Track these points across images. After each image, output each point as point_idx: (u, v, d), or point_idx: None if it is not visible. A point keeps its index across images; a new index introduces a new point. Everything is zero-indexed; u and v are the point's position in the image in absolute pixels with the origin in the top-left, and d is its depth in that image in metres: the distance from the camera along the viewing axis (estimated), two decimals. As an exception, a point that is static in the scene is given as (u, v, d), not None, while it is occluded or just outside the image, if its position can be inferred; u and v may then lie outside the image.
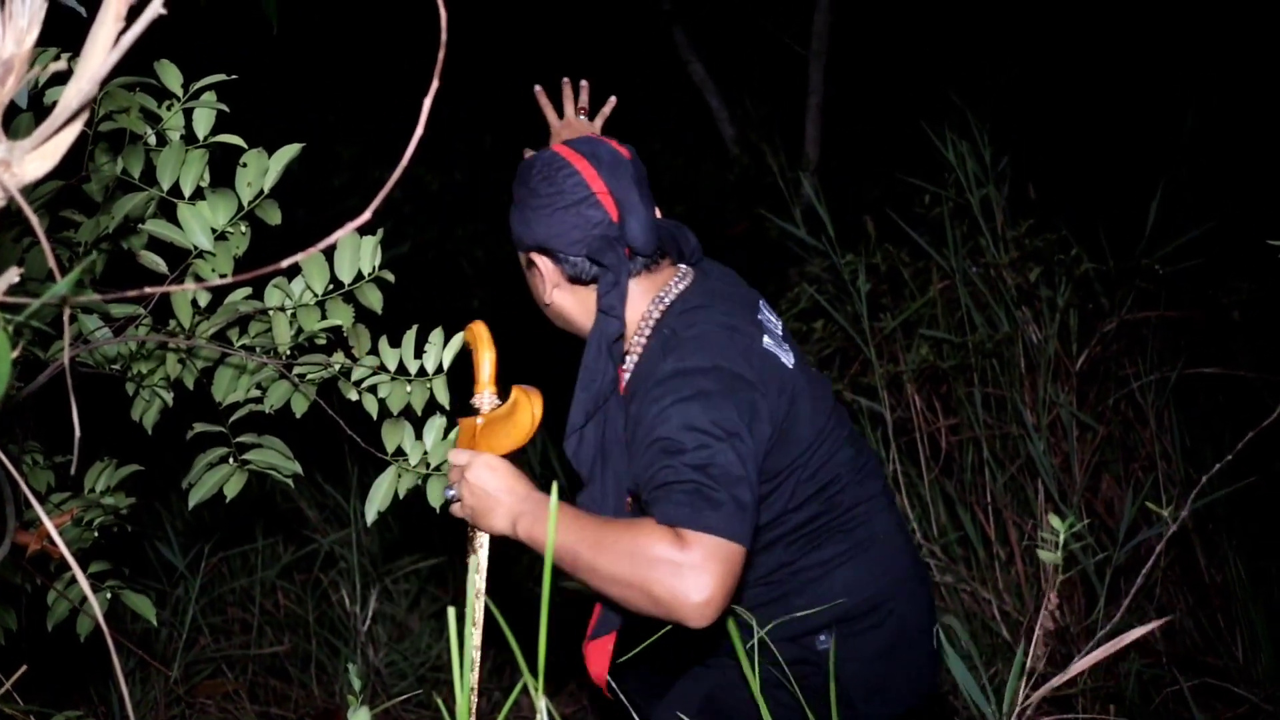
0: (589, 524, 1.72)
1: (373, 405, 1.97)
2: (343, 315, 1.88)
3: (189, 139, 1.76)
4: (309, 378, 1.94)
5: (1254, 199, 4.40)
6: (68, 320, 0.86)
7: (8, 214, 0.85)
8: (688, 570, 1.58)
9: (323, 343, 1.92)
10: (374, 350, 1.95)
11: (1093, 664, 1.63)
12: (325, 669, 3.64)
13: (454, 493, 1.85)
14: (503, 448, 1.89)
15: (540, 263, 1.93)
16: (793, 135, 5.21)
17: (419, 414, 1.97)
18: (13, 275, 0.80)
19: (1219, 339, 3.72)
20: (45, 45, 1.57)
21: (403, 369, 1.95)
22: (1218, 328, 3.70)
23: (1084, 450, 3.38)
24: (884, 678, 1.97)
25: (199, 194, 1.76)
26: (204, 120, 1.75)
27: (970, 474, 3.47)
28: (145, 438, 1.98)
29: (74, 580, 1.91)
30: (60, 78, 1.63)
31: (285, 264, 0.91)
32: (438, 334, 1.95)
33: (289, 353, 1.90)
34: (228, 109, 1.75)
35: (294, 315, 1.87)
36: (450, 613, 1.08)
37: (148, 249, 1.82)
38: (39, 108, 1.66)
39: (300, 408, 1.95)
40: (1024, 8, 5.84)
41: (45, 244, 0.84)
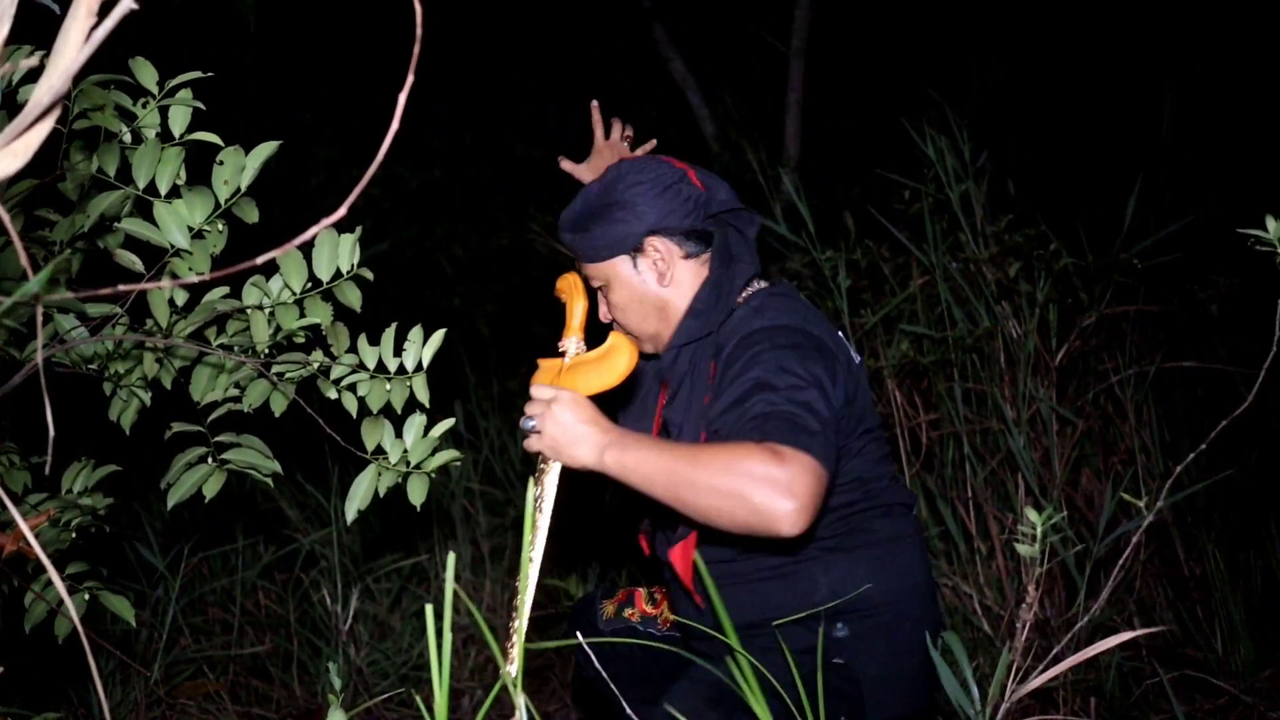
0: (679, 447, 1.80)
1: (352, 404, 1.96)
2: (321, 313, 1.87)
3: (165, 137, 1.75)
4: (288, 376, 1.93)
5: (1231, 194, 4.42)
6: (41, 319, 0.85)
7: (-21, 212, 0.84)
8: (784, 480, 1.67)
9: (301, 341, 1.92)
10: (353, 348, 1.95)
11: (1077, 661, 1.64)
12: (307, 669, 3.63)
13: (534, 423, 1.88)
14: (590, 388, 1.95)
15: (658, 245, 2.09)
16: (773, 132, 5.21)
17: (399, 412, 1.97)
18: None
19: (1197, 333, 3.74)
20: (17, 42, 1.56)
21: (382, 367, 1.94)
22: (1196, 322, 3.72)
23: (1064, 444, 3.39)
24: (891, 679, 2.03)
25: (175, 192, 1.75)
26: (180, 118, 1.74)
27: (951, 469, 3.48)
28: (123, 438, 1.97)
29: (51, 582, 1.90)
30: (33, 75, 1.62)
31: (261, 260, 0.90)
32: (417, 332, 1.95)
33: (267, 351, 1.89)
34: (204, 107, 1.75)
35: (272, 314, 1.87)
36: (429, 610, 1.07)
37: (124, 248, 1.81)
38: (12, 105, 1.65)
39: (279, 407, 1.94)
40: (1003, 5, 5.86)
41: (18, 243, 0.83)
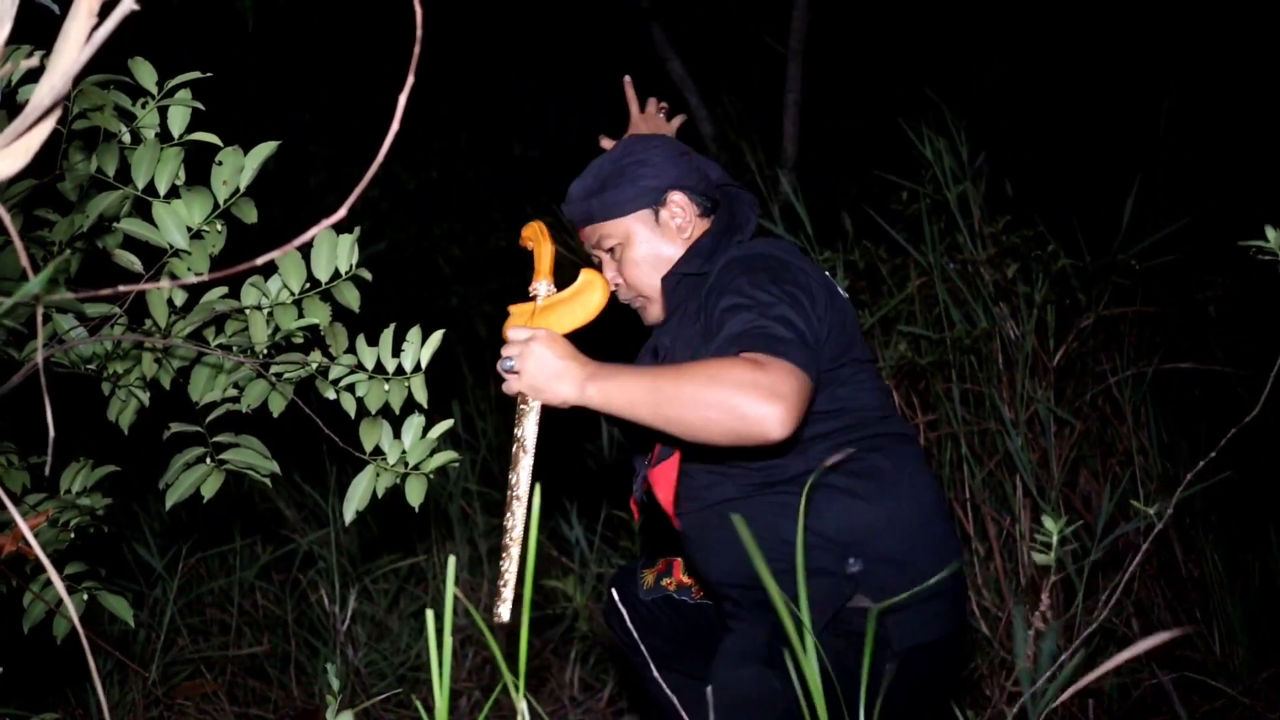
0: (660, 369, 1.85)
1: (350, 404, 1.96)
2: (320, 314, 1.87)
3: (164, 137, 1.75)
4: (286, 377, 1.93)
5: (1229, 195, 4.43)
6: (41, 320, 0.85)
7: (-21, 212, 0.84)
8: (767, 384, 1.73)
9: (300, 341, 1.92)
10: (351, 349, 1.95)
11: (1119, 663, 1.63)
12: (304, 669, 3.63)
13: (512, 363, 1.91)
14: (564, 326, 2.01)
15: (681, 200, 2.21)
16: (771, 133, 5.21)
17: (397, 413, 1.97)
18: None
19: (1195, 334, 3.74)
20: (17, 42, 1.55)
21: (380, 368, 1.94)
22: (1194, 323, 3.72)
23: (1062, 446, 3.39)
24: (919, 609, 1.94)
25: (174, 192, 1.75)
26: (179, 118, 1.74)
27: (948, 470, 3.48)
28: (121, 438, 1.97)
29: (50, 582, 1.90)
30: (33, 75, 1.62)
31: (260, 261, 0.90)
32: (415, 332, 1.95)
33: (266, 352, 1.89)
34: (203, 107, 1.75)
35: (271, 314, 1.86)
36: (429, 614, 1.07)
37: (123, 248, 1.81)
38: (12, 105, 1.65)
39: (277, 407, 1.94)
40: (1001, 6, 5.86)
41: (18, 243, 0.83)
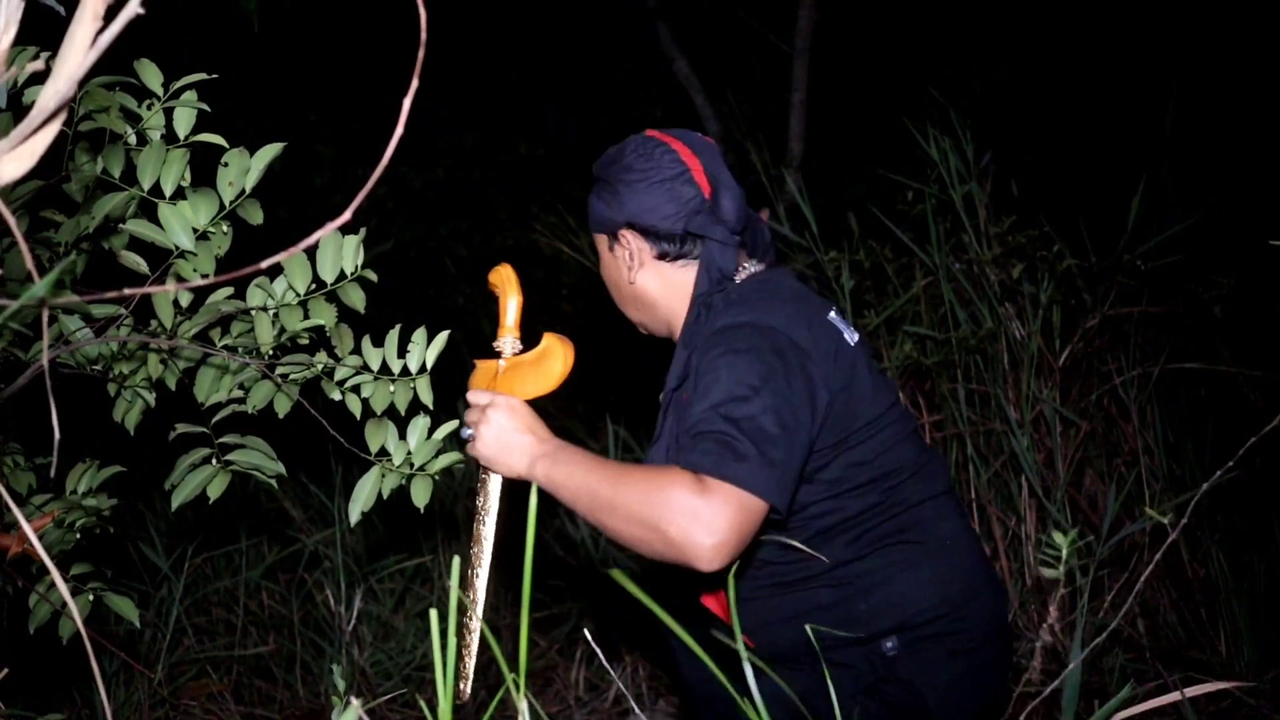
0: (610, 467, 1.75)
1: (356, 405, 1.96)
2: (325, 315, 1.87)
3: (170, 138, 1.75)
4: (292, 378, 1.93)
5: (1235, 195, 4.42)
6: (47, 321, 0.85)
7: (-15, 215, 0.84)
8: (703, 513, 1.62)
9: (305, 342, 1.92)
10: (357, 350, 1.95)
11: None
12: (310, 669, 3.63)
13: (470, 432, 1.88)
14: (526, 393, 1.92)
15: (630, 239, 1.98)
16: (776, 132, 5.21)
17: (402, 414, 1.97)
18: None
19: (1201, 334, 3.73)
20: (23, 44, 1.56)
21: (386, 369, 1.94)
22: (1200, 323, 3.71)
23: (1067, 446, 3.39)
24: (961, 679, 1.93)
25: (180, 194, 1.75)
26: (185, 119, 1.74)
27: (954, 470, 3.48)
28: (127, 439, 1.97)
29: (55, 583, 1.90)
30: (39, 77, 1.62)
31: (266, 264, 0.90)
32: (421, 333, 1.95)
33: (271, 353, 1.89)
34: (209, 108, 1.75)
35: (276, 315, 1.87)
36: (433, 614, 1.07)
37: (129, 249, 1.81)
38: (18, 107, 1.65)
39: (283, 408, 1.94)
40: (1006, 5, 5.86)
41: (23, 245, 0.83)
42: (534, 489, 1.05)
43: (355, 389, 1.96)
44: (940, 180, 3.61)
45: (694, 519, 1.62)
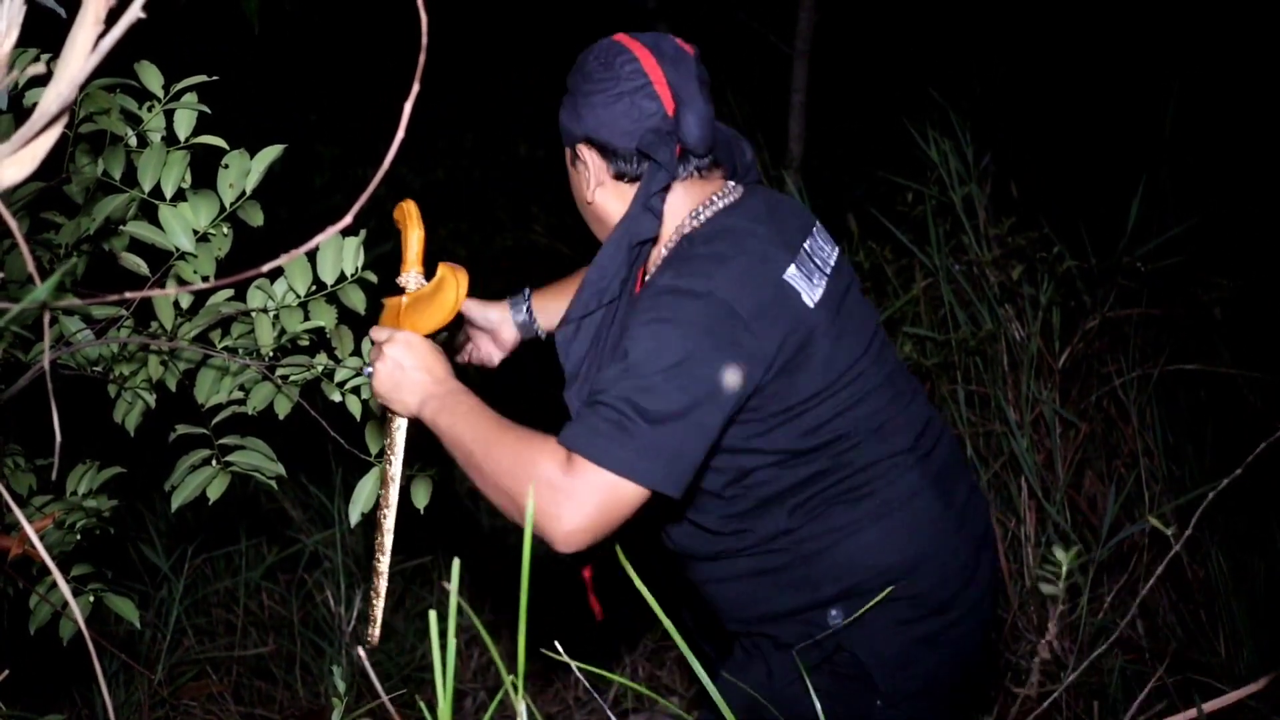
0: (490, 425, 1.67)
1: (356, 406, 1.97)
2: (326, 316, 1.88)
3: (170, 140, 1.76)
4: (292, 379, 1.93)
5: (1236, 197, 4.42)
6: (48, 323, 0.85)
7: (-14, 219, 0.84)
8: (563, 496, 1.56)
9: (306, 344, 1.92)
10: (357, 351, 1.95)
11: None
12: (310, 669, 3.63)
13: (370, 369, 1.80)
14: (426, 327, 1.84)
15: (587, 156, 1.83)
16: (776, 133, 5.21)
17: (403, 415, 1.97)
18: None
19: (1200, 336, 3.73)
20: (24, 46, 1.56)
21: (386, 370, 1.94)
22: (1199, 325, 3.71)
23: (1067, 447, 3.39)
24: (905, 653, 1.83)
25: (180, 195, 1.76)
26: (185, 121, 1.75)
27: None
28: (127, 440, 1.97)
29: (56, 584, 1.90)
30: (40, 79, 1.62)
31: (267, 268, 0.91)
32: (421, 335, 1.95)
33: (272, 354, 1.90)
34: (209, 110, 1.75)
35: (277, 316, 1.87)
36: (432, 615, 1.07)
37: (129, 250, 1.81)
38: (19, 109, 1.65)
39: (283, 409, 1.94)
40: (1006, 7, 5.86)
41: (24, 248, 0.83)
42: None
43: (355, 390, 1.96)
44: (940, 182, 3.61)
45: (553, 499, 1.56)
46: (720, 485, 1.83)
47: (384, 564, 1.91)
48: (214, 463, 1.95)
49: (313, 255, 1.86)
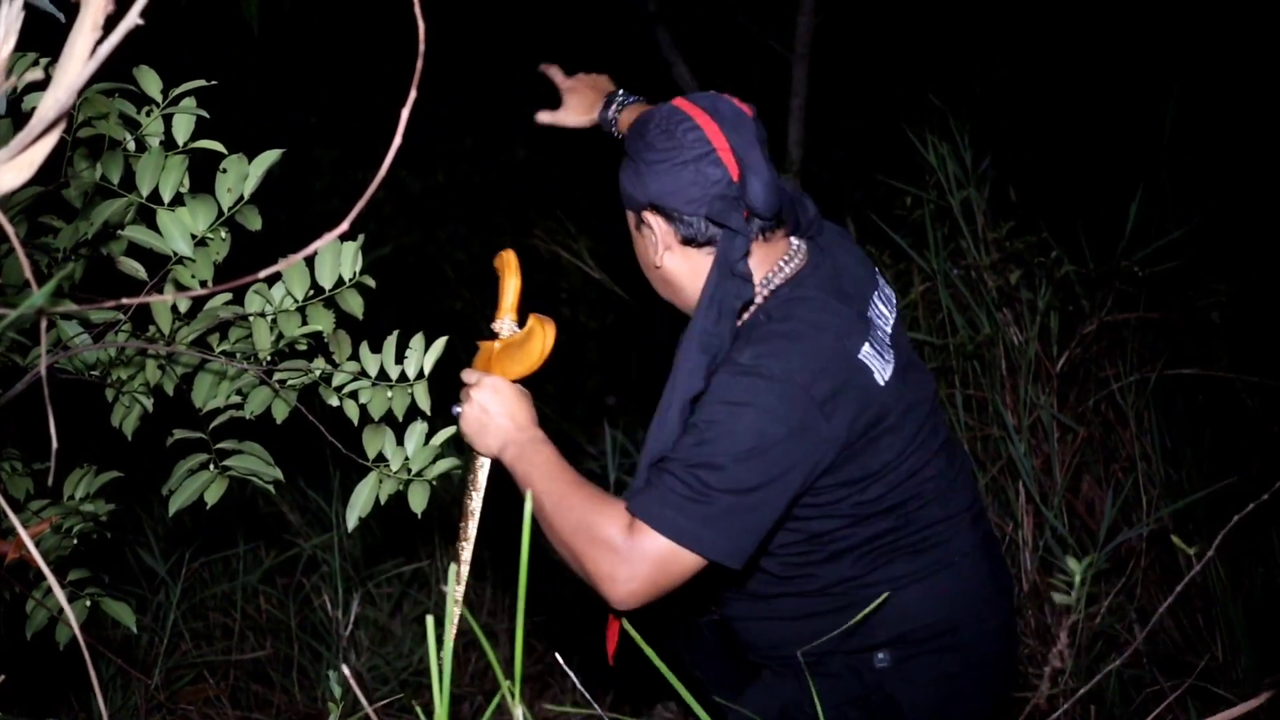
0: (563, 480, 1.76)
1: (354, 411, 1.97)
2: (323, 321, 1.87)
3: (168, 144, 1.76)
4: (290, 383, 1.93)
5: (1234, 201, 4.42)
6: (45, 328, 0.85)
7: (-16, 225, 0.84)
8: (621, 559, 1.65)
9: (303, 348, 1.92)
10: (355, 356, 1.95)
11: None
12: (307, 674, 3.63)
13: (458, 409, 1.92)
14: (513, 373, 1.94)
15: (653, 222, 1.84)
16: (775, 137, 5.20)
17: (400, 419, 1.97)
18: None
19: (1198, 340, 3.74)
20: (23, 50, 1.56)
21: (384, 374, 1.95)
22: (1197, 329, 3.72)
23: (1065, 451, 3.39)
24: (943, 705, 1.91)
25: (179, 200, 1.76)
26: (183, 126, 1.75)
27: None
28: (125, 444, 1.97)
29: (52, 588, 1.90)
30: (38, 84, 1.62)
31: (265, 274, 0.91)
32: (418, 339, 1.95)
33: (269, 358, 1.90)
34: (207, 115, 1.75)
35: (274, 321, 1.87)
36: (429, 620, 1.07)
37: (127, 255, 1.81)
38: (17, 114, 1.65)
39: (281, 414, 1.94)
40: (1005, 11, 5.86)
41: (21, 253, 0.83)
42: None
43: (353, 395, 1.96)
44: (938, 186, 3.61)
45: (612, 561, 1.66)
46: (790, 541, 1.89)
47: (459, 592, 2.01)
48: (211, 467, 1.95)
49: (311, 260, 1.86)
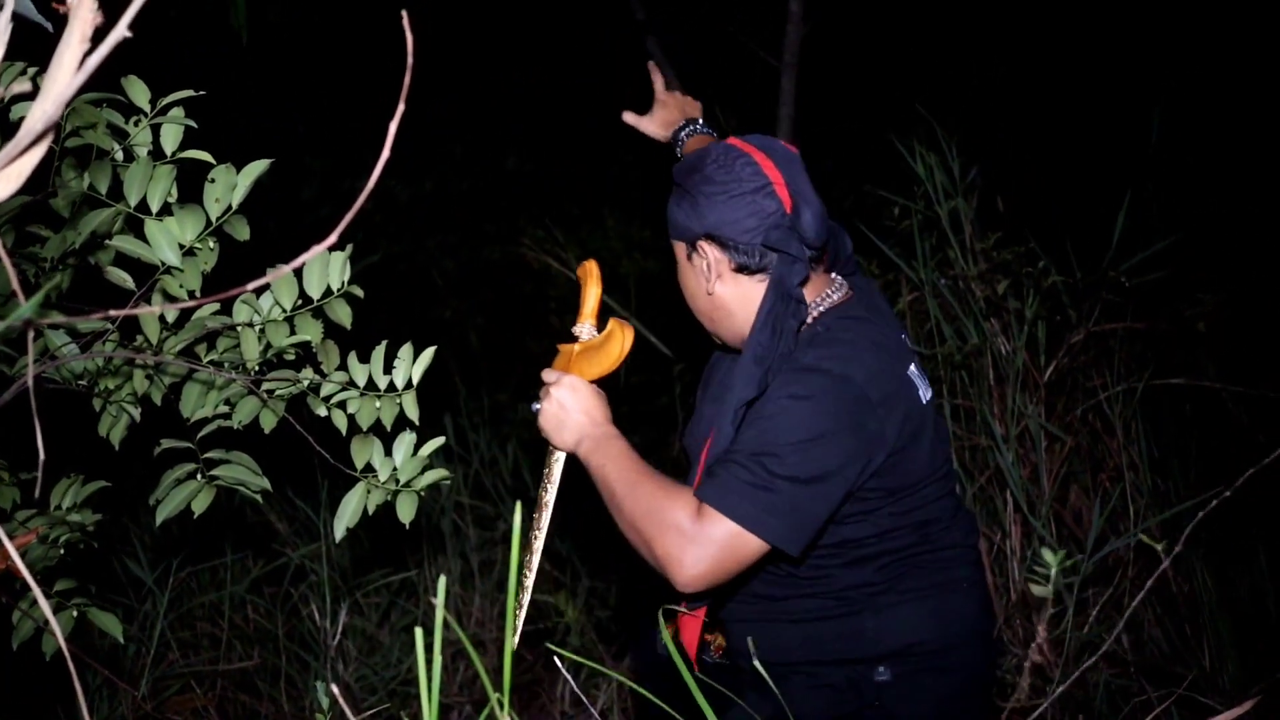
0: (636, 470, 1.86)
1: (342, 421, 1.96)
2: (312, 331, 1.87)
3: (156, 154, 1.75)
4: (278, 393, 1.93)
5: (1220, 212, 4.44)
6: (32, 339, 0.85)
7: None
8: (689, 542, 1.73)
9: (291, 358, 1.92)
10: (343, 365, 1.95)
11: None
12: (295, 683, 3.62)
13: (537, 406, 2.03)
14: (591, 374, 2.05)
15: (708, 250, 1.94)
16: (763, 147, 5.22)
17: (388, 429, 1.97)
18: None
19: (1185, 350, 3.75)
20: (10, 60, 1.56)
21: (372, 384, 1.94)
22: (1184, 339, 3.73)
23: (1052, 461, 3.40)
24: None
25: (167, 209, 1.75)
26: (172, 136, 1.74)
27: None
28: (112, 453, 1.96)
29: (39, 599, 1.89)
30: (27, 94, 1.62)
31: (253, 286, 0.91)
32: (407, 349, 1.95)
33: (257, 368, 1.89)
34: (195, 125, 1.75)
35: (262, 331, 1.87)
36: (418, 632, 1.07)
37: (115, 265, 1.81)
38: (4, 123, 1.65)
39: (269, 424, 1.94)
40: (992, 23, 5.89)
41: (8, 265, 0.83)
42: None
43: (341, 405, 1.96)
44: (926, 196, 3.62)
45: (680, 545, 1.73)
46: (821, 543, 1.94)
47: (530, 580, 2.08)
48: (199, 476, 1.95)
49: (299, 269, 1.86)
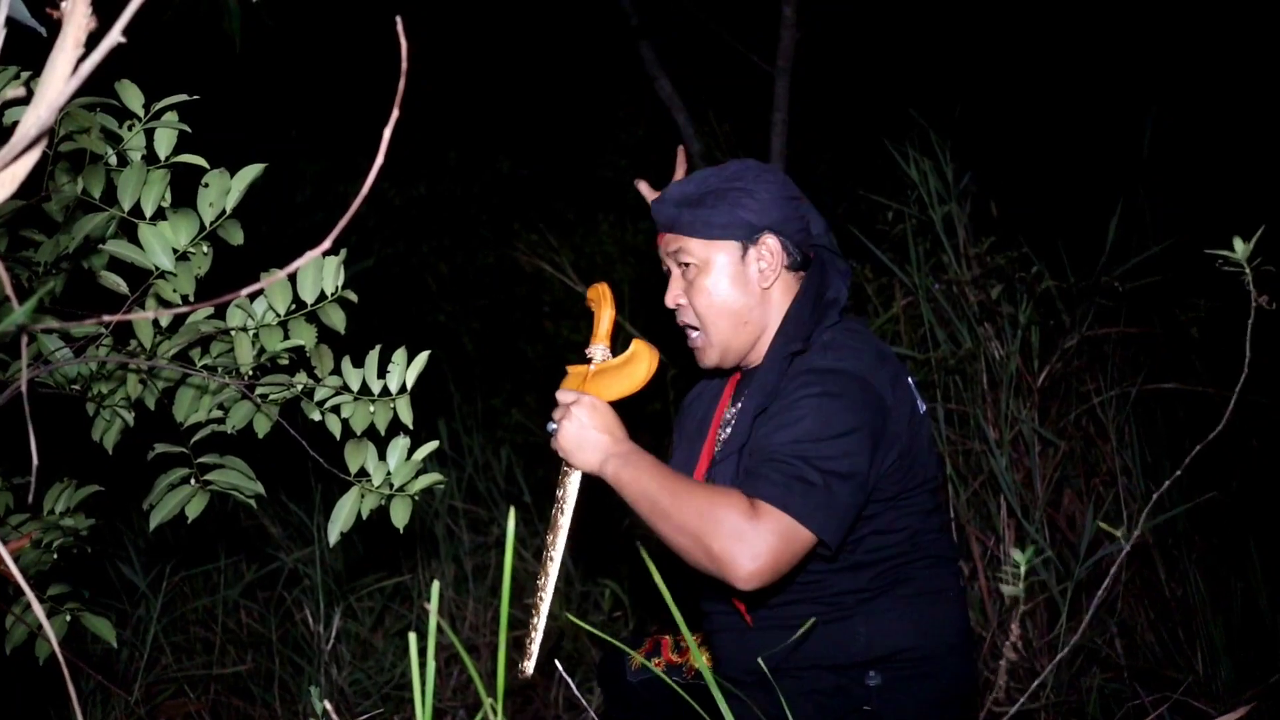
0: (676, 478, 1.86)
1: (336, 425, 1.96)
2: (305, 335, 1.87)
3: (150, 159, 1.75)
4: (271, 398, 1.93)
5: (1212, 217, 4.44)
6: (25, 344, 0.85)
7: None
8: (749, 536, 1.73)
9: (285, 363, 1.92)
10: (337, 370, 1.95)
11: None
12: (288, 688, 3.62)
13: (554, 426, 1.99)
14: (611, 394, 2.04)
15: (773, 245, 2.04)
16: (757, 151, 5.22)
17: (382, 434, 1.97)
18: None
19: (1178, 355, 3.76)
20: (4, 64, 1.56)
21: (366, 389, 1.94)
22: (1177, 344, 3.74)
23: (1046, 465, 3.40)
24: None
25: (160, 214, 1.75)
26: (165, 140, 1.74)
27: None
28: (106, 458, 1.96)
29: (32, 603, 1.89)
30: (20, 99, 1.62)
31: (247, 291, 0.91)
32: (401, 354, 1.95)
33: (251, 373, 1.89)
34: (189, 129, 1.75)
35: (256, 335, 1.87)
36: (412, 637, 1.07)
37: (109, 269, 1.81)
38: (-2, 127, 1.65)
39: (263, 428, 1.94)
40: (987, 27, 5.90)
41: (1, 268, 0.83)
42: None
43: (335, 409, 1.96)
44: (920, 201, 3.63)
45: (739, 541, 1.72)
46: None
47: (545, 601, 2.04)
48: (193, 481, 1.95)
49: (293, 275, 1.86)
